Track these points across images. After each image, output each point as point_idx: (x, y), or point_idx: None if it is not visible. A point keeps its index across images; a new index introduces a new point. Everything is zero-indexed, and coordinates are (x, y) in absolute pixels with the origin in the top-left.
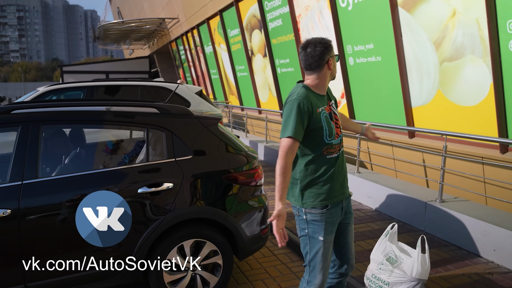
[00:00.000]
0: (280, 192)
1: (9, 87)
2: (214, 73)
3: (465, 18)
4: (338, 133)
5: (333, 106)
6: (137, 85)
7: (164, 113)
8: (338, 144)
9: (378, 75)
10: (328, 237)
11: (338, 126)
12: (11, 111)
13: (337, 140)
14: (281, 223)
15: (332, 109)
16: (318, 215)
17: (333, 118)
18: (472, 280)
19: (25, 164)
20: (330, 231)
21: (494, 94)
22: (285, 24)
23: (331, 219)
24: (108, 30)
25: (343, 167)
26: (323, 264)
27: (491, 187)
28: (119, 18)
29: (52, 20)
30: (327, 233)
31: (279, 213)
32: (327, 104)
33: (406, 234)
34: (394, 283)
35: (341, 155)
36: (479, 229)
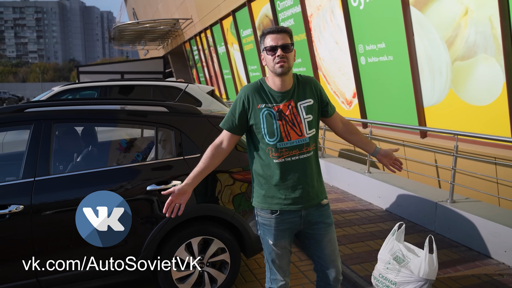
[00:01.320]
0: (191, 174)
1: (27, 87)
2: (227, 73)
3: (477, 16)
4: (289, 137)
5: (299, 107)
6: (149, 84)
7: (173, 112)
8: (294, 149)
9: (390, 75)
10: (279, 242)
11: (296, 129)
12: (24, 110)
13: (289, 143)
14: (175, 197)
15: (289, 108)
16: (267, 219)
17: (282, 118)
18: (482, 281)
19: (37, 161)
20: (281, 236)
21: (507, 94)
22: (297, 24)
23: (282, 226)
24: (123, 31)
25: (308, 175)
26: (277, 266)
27: (504, 188)
28: (134, 19)
29: (69, 21)
30: (277, 238)
31: (174, 189)
32: (283, 102)
33: (416, 234)
34: (401, 282)
35: (303, 161)
36: (490, 230)
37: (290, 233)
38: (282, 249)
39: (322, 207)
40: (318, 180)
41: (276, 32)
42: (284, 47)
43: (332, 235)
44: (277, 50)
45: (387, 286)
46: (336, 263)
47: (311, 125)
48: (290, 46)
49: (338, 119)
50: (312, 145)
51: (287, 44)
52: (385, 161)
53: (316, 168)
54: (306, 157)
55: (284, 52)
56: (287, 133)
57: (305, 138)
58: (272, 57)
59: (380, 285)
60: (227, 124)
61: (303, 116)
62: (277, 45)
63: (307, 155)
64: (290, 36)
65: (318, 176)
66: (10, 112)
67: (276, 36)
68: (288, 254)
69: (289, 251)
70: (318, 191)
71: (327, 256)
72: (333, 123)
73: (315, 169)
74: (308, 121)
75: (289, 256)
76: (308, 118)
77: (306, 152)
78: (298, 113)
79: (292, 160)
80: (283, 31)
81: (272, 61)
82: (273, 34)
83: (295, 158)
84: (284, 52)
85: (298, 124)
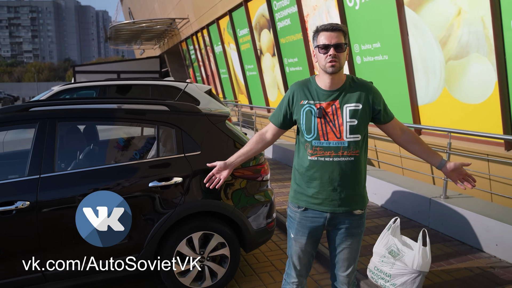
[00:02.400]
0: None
1: (23, 87)
2: (223, 73)
3: (470, 16)
4: (326, 137)
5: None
6: (148, 84)
7: (174, 110)
8: (329, 150)
9: (385, 74)
10: (299, 238)
11: (335, 130)
12: (29, 109)
13: (325, 143)
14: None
15: (333, 108)
16: (293, 212)
17: (322, 116)
18: (474, 273)
19: (42, 158)
20: (302, 232)
21: (499, 92)
22: (293, 24)
23: (305, 222)
24: (119, 30)
25: (340, 179)
26: (293, 263)
27: (496, 184)
28: (130, 18)
29: (64, 20)
30: (298, 233)
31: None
32: (327, 101)
33: (411, 229)
34: (395, 275)
35: (336, 164)
36: (482, 224)
37: (312, 233)
38: (300, 246)
39: (353, 215)
40: (354, 188)
41: (330, 30)
42: (337, 46)
43: (353, 244)
44: (330, 49)
45: (382, 278)
46: (349, 271)
47: (353, 130)
48: (344, 46)
49: (397, 127)
50: (353, 151)
51: (340, 44)
52: (454, 176)
53: (353, 175)
54: (341, 161)
55: (336, 52)
56: (324, 132)
57: (343, 142)
58: (324, 55)
59: (375, 278)
60: (273, 118)
61: (346, 119)
62: (330, 43)
63: (344, 159)
64: (344, 35)
65: (356, 184)
66: (15, 111)
67: (330, 34)
68: (306, 256)
69: (308, 253)
70: (351, 200)
71: (341, 261)
72: (391, 131)
73: (352, 176)
74: (350, 125)
75: (307, 258)
76: (351, 122)
77: (342, 156)
78: (342, 115)
79: (325, 161)
80: (337, 29)
81: (324, 59)
82: (327, 32)
83: (328, 160)
84: (336, 51)
85: (339, 126)
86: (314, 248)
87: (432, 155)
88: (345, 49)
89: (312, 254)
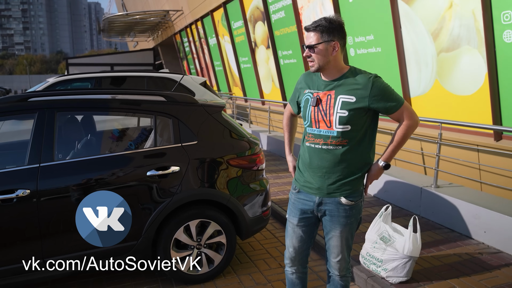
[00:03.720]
0: (286, 146)
1: (14, 80)
2: (218, 65)
3: (461, 9)
4: (317, 125)
5: (338, 100)
6: (143, 76)
7: (171, 101)
8: (319, 138)
9: (378, 66)
10: (291, 218)
11: (326, 120)
12: (28, 99)
13: (316, 131)
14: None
15: (328, 98)
16: (291, 193)
17: (316, 105)
18: (462, 259)
19: (42, 148)
20: (294, 213)
21: (489, 84)
22: (288, 16)
23: (297, 204)
24: (113, 22)
25: (327, 166)
26: (287, 242)
27: (485, 174)
28: (123, 10)
29: (56, 12)
30: (291, 213)
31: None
32: (324, 90)
33: (402, 218)
34: (387, 260)
35: (325, 152)
36: (471, 212)
37: (302, 215)
38: (292, 227)
39: (341, 205)
40: (342, 177)
41: (307, 30)
42: (309, 47)
43: (343, 233)
44: (306, 50)
45: (374, 263)
46: (339, 257)
47: (343, 121)
48: (317, 46)
49: (400, 118)
50: (342, 141)
51: (312, 45)
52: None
53: (344, 164)
54: (329, 149)
55: (311, 52)
56: (316, 120)
57: (332, 131)
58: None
59: (367, 263)
60: (291, 103)
61: (337, 109)
62: (305, 44)
63: (332, 147)
64: (321, 33)
65: (344, 173)
66: (14, 101)
67: (307, 34)
68: (298, 239)
69: (300, 237)
70: (338, 188)
71: (331, 247)
72: (397, 121)
73: (340, 164)
74: (340, 116)
75: (298, 242)
76: (341, 113)
77: (331, 144)
78: (334, 105)
79: (315, 148)
80: (311, 29)
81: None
82: (306, 32)
83: (318, 147)
84: (310, 52)
85: (330, 115)
86: (308, 233)
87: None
88: (325, 48)
89: (304, 240)
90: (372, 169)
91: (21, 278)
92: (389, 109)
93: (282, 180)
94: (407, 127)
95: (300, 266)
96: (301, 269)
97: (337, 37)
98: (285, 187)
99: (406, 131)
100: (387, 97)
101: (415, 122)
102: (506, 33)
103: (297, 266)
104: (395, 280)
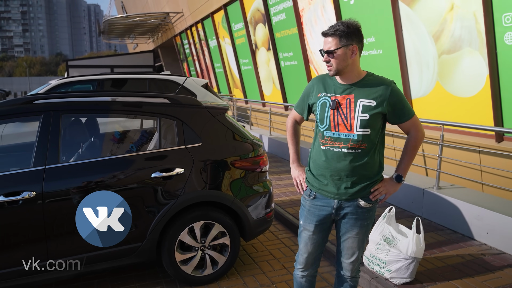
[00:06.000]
0: (293, 157)
1: (14, 82)
2: (218, 67)
3: (462, 11)
4: (337, 128)
5: (358, 103)
6: (145, 78)
7: (175, 103)
8: (339, 141)
9: (380, 68)
10: (307, 225)
11: (346, 123)
12: (33, 101)
13: (336, 134)
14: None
15: (347, 102)
16: (305, 199)
17: (335, 108)
18: (465, 260)
19: (47, 150)
20: (310, 220)
21: (490, 86)
22: (289, 18)
23: (314, 211)
24: (113, 24)
25: (347, 170)
26: (301, 247)
27: (487, 175)
28: (123, 12)
29: (56, 14)
30: (306, 221)
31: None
32: (342, 94)
33: (405, 219)
34: (390, 261)
35: (345, 155)
36: (474, 213)
37: (319, 221)
38: (308, 233)
39: (360, 208)
40: (361, 180)
41: (324, 35)
42: (328, 53)
43: (359, 235)
44: (324, 55)
45: (378, 264)
46: (352, 259)
47: (364, 124)
48: (336, 51)
49: (409, 129)
50: (362, 144)
51: (330, 50)
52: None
53: (363, 167)
54: (349, 152)
55: (329, 57)
56: (335, 124)
57: (353, 134)
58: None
59: (371, 264)
60: (298, 108)
61: (358, 113)
62: (323, 50)
63: (352, 151)
64: (340, 38)
65: (363, 177)
66: (20, 103)
67: (324, 40)
68: (313, 244)
69: (315, 242)
70: (358, 191)
71: (345, 249)
72: (405, 131)
73: (361, 168)
74: (362, 119)
75: (314, 247)
76: (363, 117)
77: (351, 148)
78: (355, 109)
79: (334, 151)
80: (329, 34)
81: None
82: (323, 37)
83: (337, 150)
84: (329, 57)
85: (351, 119)
86: (323, 237)
87: (398, 165)
88: (344, 52)
89: (319, 244)
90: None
91: (25, 280)
92: (402, 117)
93: (284, 181)
94: (418, 139)
95: (312, 270)
96: (312, 272)
97: (356, 41)
98: (287, 188)
99: (417, 143)
100: (403, 105)
101: (423, 134)
102: (507, 35)
103: (310, 270)
104: (398, 281)
